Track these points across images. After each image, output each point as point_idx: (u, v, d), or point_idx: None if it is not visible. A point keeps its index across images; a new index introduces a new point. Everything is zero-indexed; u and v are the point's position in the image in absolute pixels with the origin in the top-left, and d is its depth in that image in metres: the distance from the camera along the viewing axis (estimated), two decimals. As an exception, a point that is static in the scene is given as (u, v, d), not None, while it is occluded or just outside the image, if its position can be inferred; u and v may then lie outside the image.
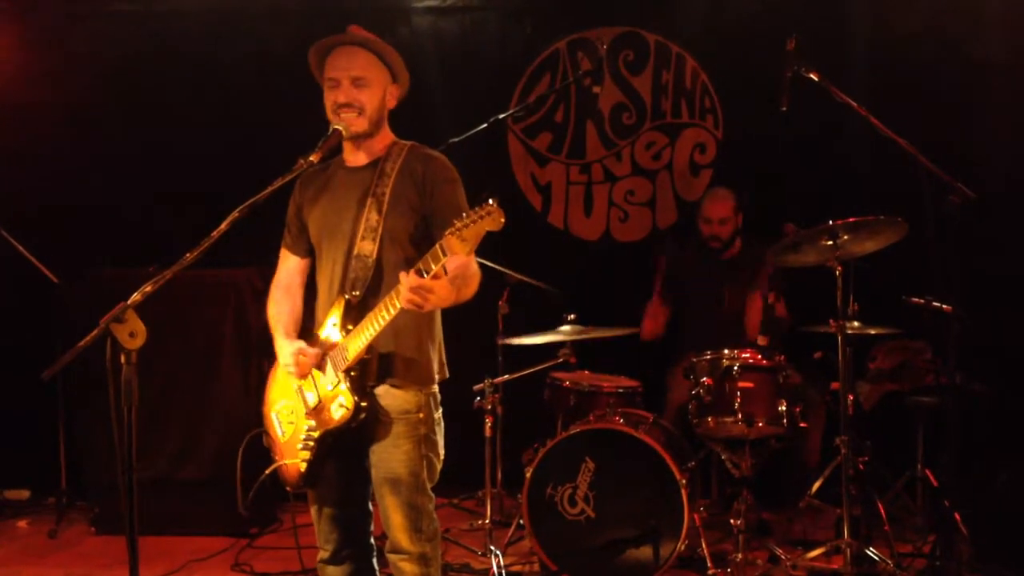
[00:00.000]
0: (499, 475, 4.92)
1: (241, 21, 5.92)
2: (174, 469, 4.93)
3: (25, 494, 5.81)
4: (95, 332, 2.30)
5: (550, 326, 4.62)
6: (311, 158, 2.78)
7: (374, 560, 3.10)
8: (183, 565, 4.48)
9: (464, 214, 2.48)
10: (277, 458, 3.04)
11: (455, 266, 2.75)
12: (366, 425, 2.85)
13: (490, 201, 2.46)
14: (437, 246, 2.55)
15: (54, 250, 5.34)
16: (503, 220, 2.46)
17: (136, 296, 2.35)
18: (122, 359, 2.32)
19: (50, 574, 4.49)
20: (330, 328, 2.89)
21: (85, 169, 5.86)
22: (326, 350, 2.88)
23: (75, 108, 5.89)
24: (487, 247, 4.37)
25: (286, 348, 2.94)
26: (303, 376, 2.90)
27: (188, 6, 5.94)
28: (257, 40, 5.86)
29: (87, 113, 5.92)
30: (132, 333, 2.32)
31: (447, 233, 2.49)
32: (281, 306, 3.08)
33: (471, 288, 2.82)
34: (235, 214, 2.56)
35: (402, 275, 2.57)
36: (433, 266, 2.56)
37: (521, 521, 4.22)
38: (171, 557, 4.52)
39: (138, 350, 2.33)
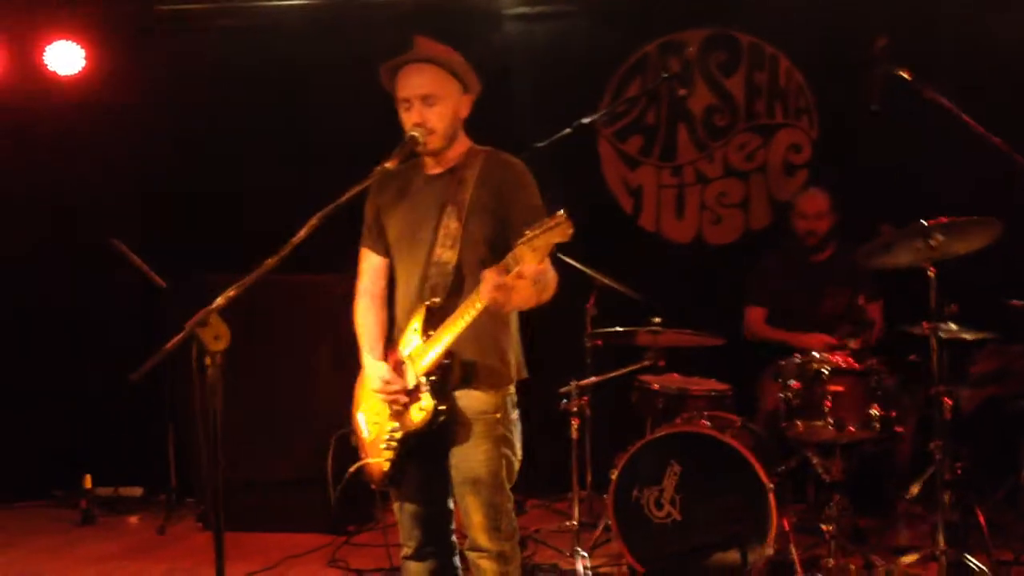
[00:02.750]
0: (589, 477, 4.93)
1: (334, 29, 6.05)
2: (272, 468, 5.08)
3: (138, 491, 6.07)
4: (180, 336, 2.41)
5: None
6: (387, 165, 2.85)
7: (456, 558, 3.15)
8: (280, 561, 4.62)
9: (535, 225, 2.52)
10: (363, 457, 3.12)
11: (536, 268, 2.79)
12: (445, 427, 2.90)
13: (560, 212, 2.49)
14: (509, 256, 2.59)
15: (164, 256, 5.57)
16: (571, 231, 2.48)
17: (219, 300, 2.45)
18: (207, 361, 2.42)
19: (156, 568, 4.67)
20: (411, 334, 2.94)
21: (193, 178, 6.09)
22: (407, 357, 2.94)
23: (181, 118, 6.13)
24: (577, 250, 4.48)
25: (373, 371, 3.02)
26: (392, 402, 2.96)
27: (285, 16, 6.11)
28: (354, 48, 5.98)
29: (192, 123, 6.14)
30: (216, 336, 2.42)
31: (518, 244, 2.54)
32: (367, 317, 3.14)
33: (549, 292, 2.85)
34: (313, 221, 2.64)
35: (485, 272, 2.62)
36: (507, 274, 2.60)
37: (608, 523, 4.23)
38: (268, 553, 4.67)
39: (223, 352, 2.42)
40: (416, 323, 2.94)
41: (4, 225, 6.02)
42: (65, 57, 6.03)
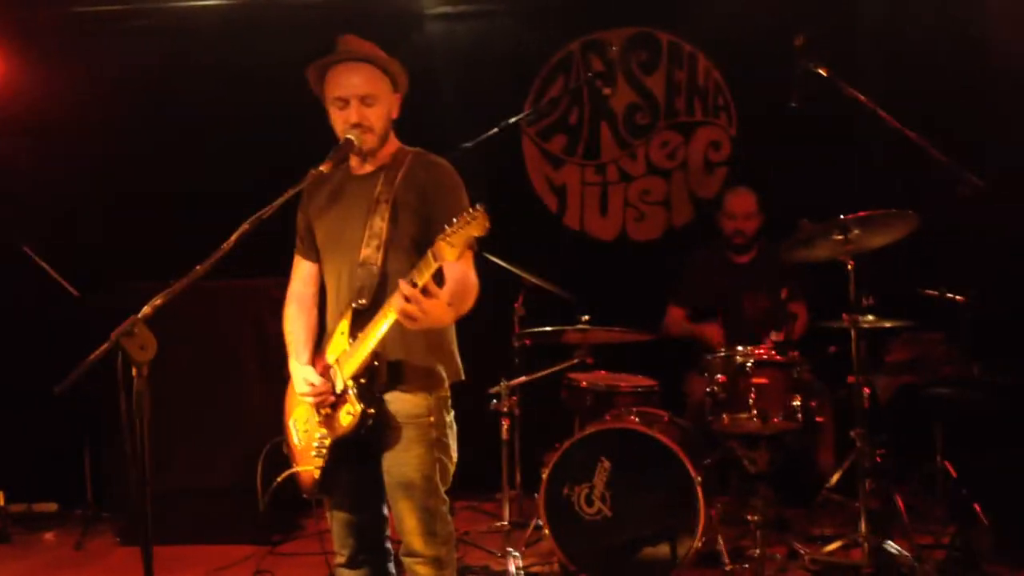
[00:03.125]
0: (518, 477, 4.94)
1: (254, 31, 5.98)
2: (196, 479, 4.97)
3: (53, 507, 5.89)
4: (106, 346, 2.35)
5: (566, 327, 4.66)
6: (321, 168, 2.82)
7: (390, 564, 3.13)
8: (205, 574, 4.54)
9: (453, 220, 2.52)
10: (293, 465, 3.08)
11: (451, 287, 2.79)
12: (377, 431, 2.88)
13: (477, 206, 2.51)
14: (428, 253, 2.59)
15: (75, 265, 5.43)
16: (489, 225, 2.50)
17: (146, 309, 2.40)
18: (133, 372, 2.36)
19: (76, 585, 4.57)
20: (339, 337, 2.92)
21: (104, 184, 5.95)
22: (334, 361, 2.91)
23: (93, 124, 5.97)
24: (503, 249, 4.49)
25: (299, 376, 2.99)
26: (319, 404, 2.94)
27: (203, 18, 6.00)
28: (272, 51, 5.91)
29: (104, 128, 5.99)
30: (143, 346, 2.37)
31: (437, 240, 2.54)
32: (295, 323, 3.12)
33: (468, 303, 2.85)
34: (245, 226, 2.60)
35: (401, 282, 2.60)
36: (426, 273, 2.59)
37: (539, 522, 4.25)
38: (193, 566, 4.58)
39: (149, 362, 2.37)
40: (343, 326, 2.92)
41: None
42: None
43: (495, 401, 4.47)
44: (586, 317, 4.56)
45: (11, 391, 5.71)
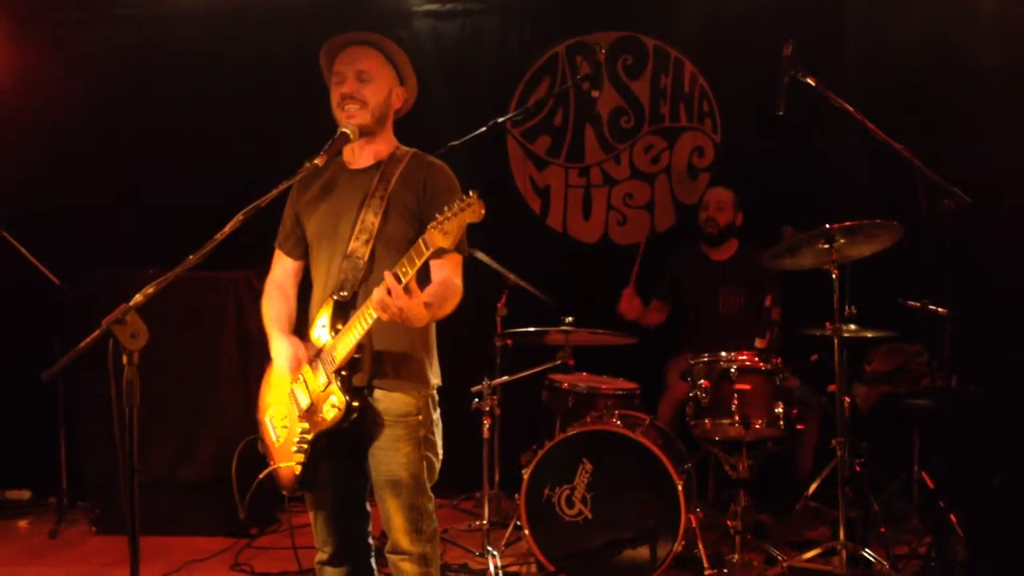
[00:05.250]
0: (497, 476, 4.93)
1: (240, 24, 5.95)
2: (173, 470, 4.93)
3: (26, 494, 5.83)
4: (96, 333, 2.31)
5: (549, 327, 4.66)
6: (316, 161, 2.79)
7: (372, 560, 3.12)
8: (182, 565, 4.49)
9: (445, 207, 2.51)
10: (272, 462, 3.02)
11: (433, 288, 2.79)
12: (364, 428, 2.86)
13: (471, 193, 2.51)
14: (420, 240, 2.58)
15: (53, 252, 5.35)
16: (483, 211, 2.51)
17: (138, 297, 2.36)
18: (124, 360, 2.33)
19: (50, 574, 4.50)
20: (320, 329, 2.90)
21: (82, 171, 5.87)
22: (318, 351, 2.89)
23: (73, 110, 5.92)
24: (486, 249, 4.49)
25: (281, 346, 2.95)
26: (295, 372, 2.91)
27: (188, 10, 5.97)
28: (256, 43, 5.89)
29: (85, 115, 5.95)
30: (134, 334, 2.33)
31: (429, 227, 2.54)
32: (276, 305, 3.08)
33: (449, 307, 2.83)
34: (239, 216, 2.57)
35: (387, 273, 2.58)
36: (417, 261, 2.58)
37: (519, 522, 4.24)
38: (170, 557, 4.53)
39: (139, 351, 2.35)
40: (324, 316, 2.89)
41: None
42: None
43: (477, 400, 4.45)
44: (570, 319, 4.56)
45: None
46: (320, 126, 3.14)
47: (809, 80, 4.27)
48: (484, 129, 4.56)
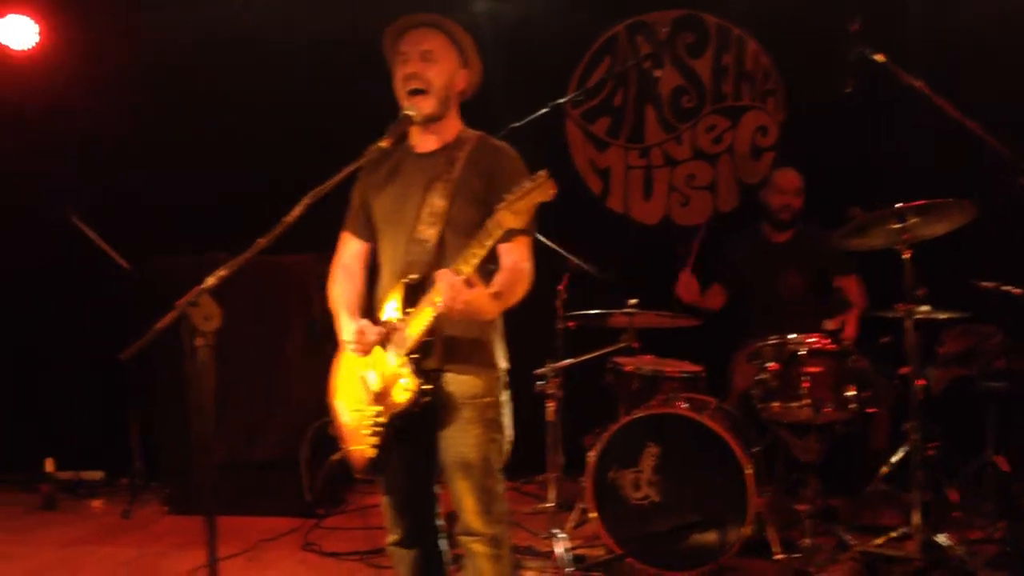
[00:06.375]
0: (560, 459, 4.92)
1: (297, 8, 5.94)
2: (242, 451, 5.01)
3: (99, 475, 5.94)
4: (172, 315, 2.35)
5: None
6: (381, 144, 2.79)
7: (442, 542, 3.13)
8: (254, 545, 4.56)
9: (515, 188, 2.48)
10: (344, 445, 3.04)
11: (503, 276, 2.78)
12: (434, 410, 2.86)
13: (540, 172, 2.50)
14: (489, 221, 2.58)
15: (122, 236, 5.45)
16: (554, 191, 2.50)
17: (211, 280, 2.40)
18: (198, 342, 2.36)
19: (124, 553, 4.57)
20: (390, 312, 2.90)
21: (148, 157, 5.94)
22: (388, 334, 2.89)
23: (140, 96, 5.98)
24: (546, 231, 4.46)
25: (349, 326, 2.95)
26: (365, 353, 2.90)
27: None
28: (313, 28, 5.89)
29: (150, 101, 5.99)
30: (207, 316, 2.38)
31: (499, 208, 2.52)
32: (344, 286, 3.08)
33: (519, 293, 2.82)
34: (306, 200, 2.58)
35: (443, 272, 2.58)
36: (487, 242, 2.58)
37: (584, 505, 4.23)
38: (242, 537, 4.60)
39: (213, 333, 2.37)
40: (394, 300, 2.89)
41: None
42: (18, 31, 5.84)
43: (542, 383, 4.44)
44: (634, 301, 4.52)
45: (60, 360, 5.77)
46: (377, 111, 3.13)
47: (877, 57, 4.18)
48: (545, 110, 4.54)
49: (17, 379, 5.87)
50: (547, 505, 4.44)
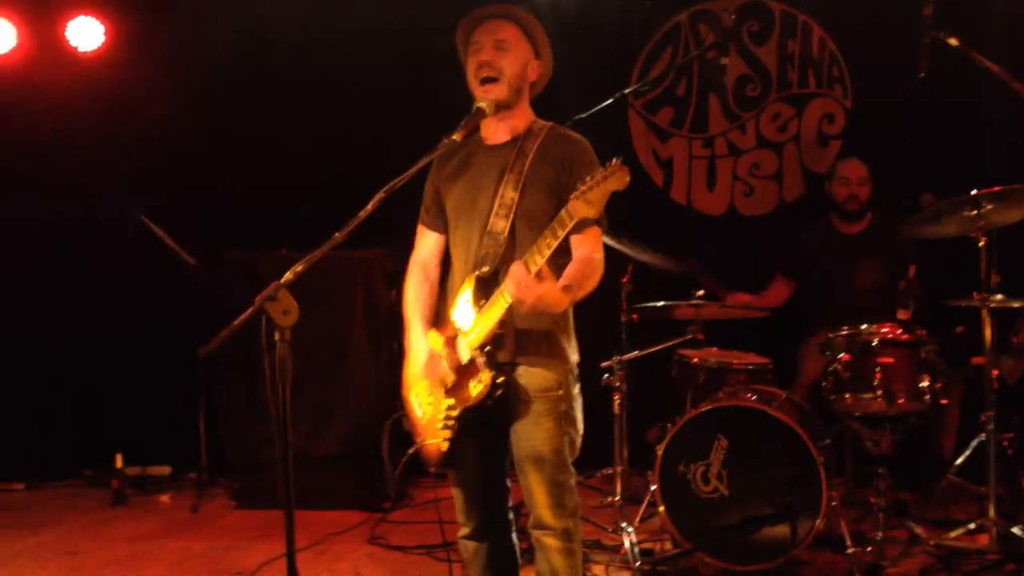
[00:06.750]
0: (625, 452, 4.89)
1: (361, 2, 5.93)
2: (307, 445, 5.02)
3: (166, 470, 6.02)
4: (250, 311, 2.37)
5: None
6: (454, 137, 2.79)
7: (513, 535, 3.13)
8: (323, 538, 4.60)
9: (588, 176, 2.47)
10: (418, 439, 3.04)
11: (574, 268, 2.77)
12: (506, 403, 2.85)
13: (614, 160, 2.49)
14: (563, 211, 2.57)
15: (187, 235, 5.52)
16: (628, 179, 2.49)
17: (288, 275, 2.43)
18: (276, 336, 2.38)
19: (194, 546, 4.63)
20: (463, 305, 2.89)
21: (211, 155, 5.97)
22: (460, 331, 2.88)
23: (204, 95, 6.02)
24: (609, 223, 4.41)
25: (419, 349, 3.00)
26: (431, 375, 2.93)
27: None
28: (372, 23, 5.87)
29: (213, 99, 6.03)
30: (285, 311, 2.40)
31: (572, 197, 2.52)
32: (418, 290, 3.10)
33: (591, 285, 2.80)
34: (381, 194, 2.58)
35: (513, 265, 2.58)
36: (560, 232, 2.57)
37: (652, 498, 4.19)
38: (309, 530, 4.62)
39: (291, 327, 2.39)
40: (467, 292, 2.89)
41: (26, 204, 5.91)
42: (86, 33, 5.93)
43: (608, 376, 4.41)
44: (701, 292, 4.48)
45: (129, 356, 5.86)
46: (437, 107, 3.13)
47: (952, 40, 4.10)
48: (611, 101, 4.51)
49: (86, 376, 5.95)
50: (614, 499, 4.41)
